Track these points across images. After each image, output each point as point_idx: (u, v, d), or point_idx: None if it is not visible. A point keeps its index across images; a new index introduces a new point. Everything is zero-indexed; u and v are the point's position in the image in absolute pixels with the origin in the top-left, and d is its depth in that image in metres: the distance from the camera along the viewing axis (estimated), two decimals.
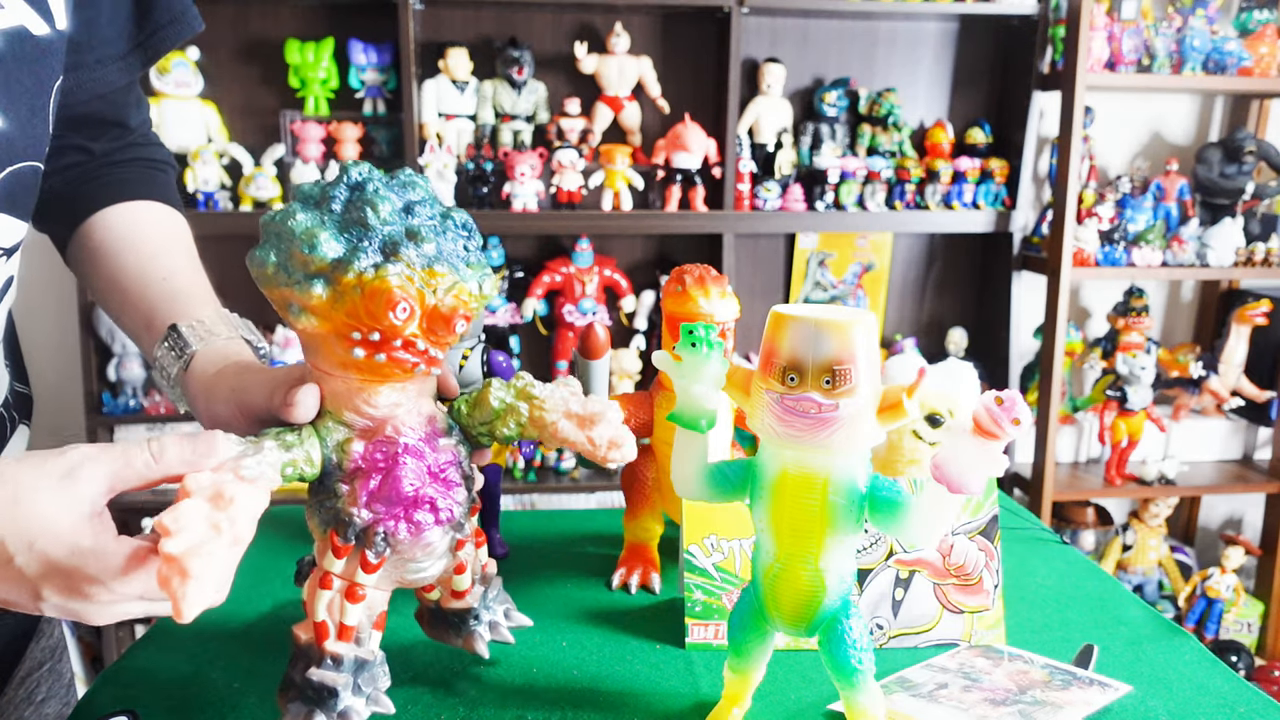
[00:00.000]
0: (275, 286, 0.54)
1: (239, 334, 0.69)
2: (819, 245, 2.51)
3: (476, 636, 0.68)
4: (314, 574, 0.60)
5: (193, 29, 0.77)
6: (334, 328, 0.54)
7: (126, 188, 0.78)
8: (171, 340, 0.67)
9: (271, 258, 0.54)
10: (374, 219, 0.53)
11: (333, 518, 0.58)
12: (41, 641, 0.78)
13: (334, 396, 0.58)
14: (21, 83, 0.59)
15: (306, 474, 0.57)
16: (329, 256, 0.52)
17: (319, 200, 0.54)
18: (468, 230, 0.57)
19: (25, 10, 0.59)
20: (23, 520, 0.48)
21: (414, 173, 0.57)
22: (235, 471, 0.52)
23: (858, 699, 0.60)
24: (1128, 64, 2.32)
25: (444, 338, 0.55)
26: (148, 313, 0.70)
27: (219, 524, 0.49)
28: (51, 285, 2.21)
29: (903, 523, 0.57)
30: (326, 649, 0.59)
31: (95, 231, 0.76)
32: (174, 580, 0.47)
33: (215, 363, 0.65)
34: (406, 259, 0.53)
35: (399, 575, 0.61)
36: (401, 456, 0.58)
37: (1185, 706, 0.69)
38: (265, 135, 2.23)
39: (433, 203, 0.56)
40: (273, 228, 0.55)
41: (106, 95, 0.74)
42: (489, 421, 0.62)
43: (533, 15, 2.28)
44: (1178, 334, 2.77)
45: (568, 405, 0.61)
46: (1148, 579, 2.59)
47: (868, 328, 0.54)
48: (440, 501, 0.59)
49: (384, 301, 0.52)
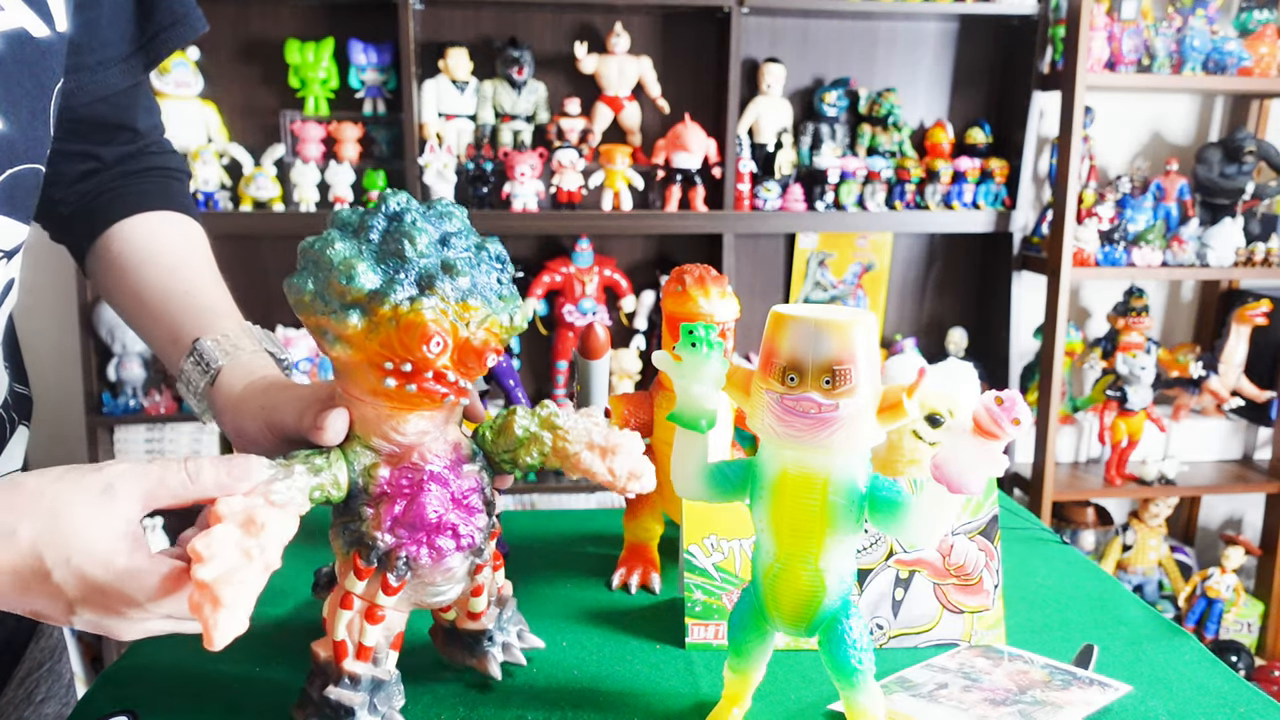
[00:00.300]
0: (312, 314, 0.55)
1: (263, 347, 0.70)
2: (819, 245, 2.51)
3: (490, 657, 0.69)
4: (334, 593, 0.61)
5: (196, 31, 0.76)
6: (367, 357, 0.55)
7: (145, 199, 0.78)
8: (197, 355, 0.67)
9: (309, 285, 0.55)
10: (411, 251, 0.54)
11: (356, 540, 0.59)
12: (41, 642, 0.78)
13: (363, 421, 0.58)
14: (22, 85, 0.59)
15: (333, 497, 0.58)
16: (366, 288, 0.53)
17: (357, 229, 0.55)
18: (501, 262, 0.58)
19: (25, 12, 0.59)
20: (61, 536, 0.49)
21: (451, 202, 0.58)
22: (266, 496, 0.53)
23: (858, 699, 0.60)
24: (1128, 64, 2.32)
25: (474, 370, 0.56)
26: (172, 327, 0.71)
27: (250, 550, 0.50)
28: (51, 285, 2.21)
29: (903, 523, 0.57)
30: (344, 668, 0.60)
31: (114, 244, 0.76)
32: (205, 607, 0.48)
33: (242, 378, 0.66)
34: (441, 292, 0.54)
35: (418, 598, 0.62)
36: (426, 483, 0.59)
37: (1185, 706, 0.69)
38: (265, 135, 2.23)
39: (468, 233, 0.57)
40: (311, 255, 0.55)
41: (109, 98, 0.74)
42: (512, 449, 0.62)
43: (533, 15, 2.28)
44: (1178, 334, 2.77)
45: (590, 436, 0.62)
46: (1148, 579, 2.59)
47: (868, 328, 0.54)
48: (462, 528, 0.60)
49: (418, 335, 0.53)
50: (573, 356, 2.39)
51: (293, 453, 0.58)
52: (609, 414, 0.85)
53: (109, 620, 0.52)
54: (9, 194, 0.60)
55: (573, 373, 2.42)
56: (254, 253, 2.31)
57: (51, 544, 0.49)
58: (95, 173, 0.78)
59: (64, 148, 0.74)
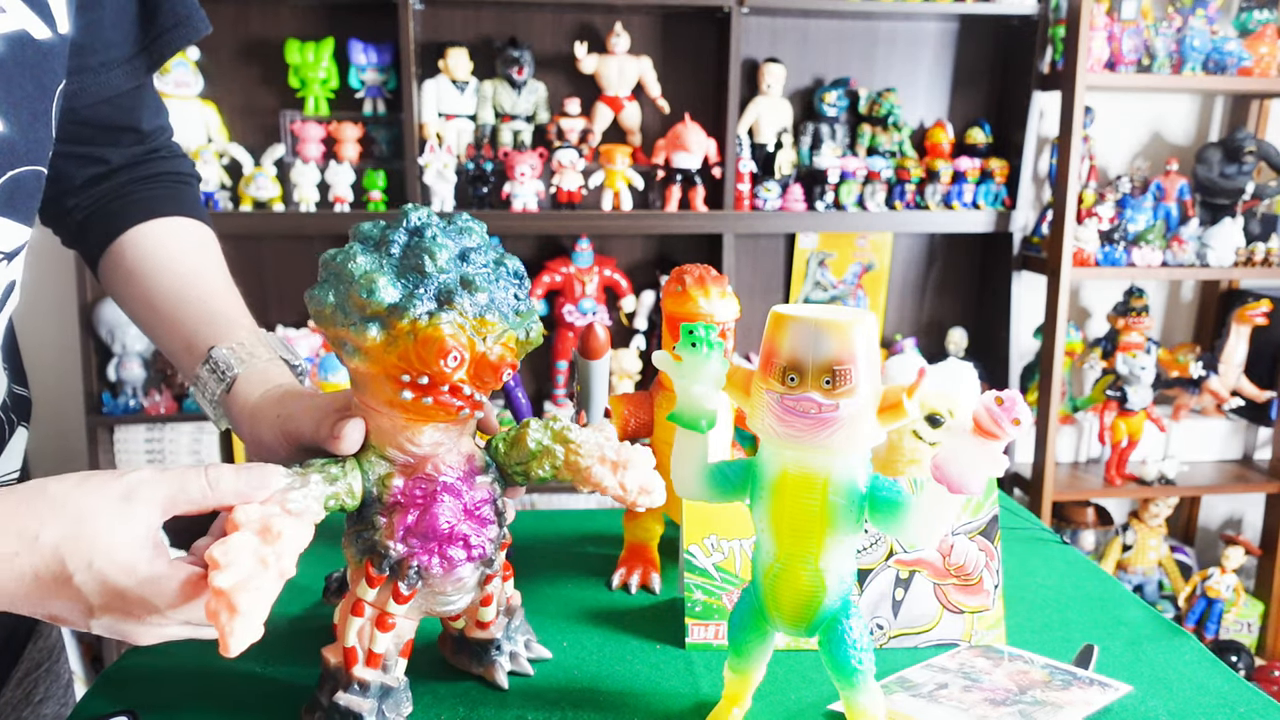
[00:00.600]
0: (332, 326, 0.56)
1: (278, 355, 0.71)
2: (819, 245, 2.51)
3: (497, 667, 0.70)
4: (346, 600, 0.62)
5: (199, 32, 0.76)
6: (385, 369, 0.56)
7: (157, 204, 0.78)
8: (213, 364, 0.68)
9: (330, 298, 0.55)
10: (431, 266, 0.55)
11: (369, 548, 0.60)
12: (39, 642, 0.78)
13: (379, 432, 0.59)
14: (23, 87, 0.59)
15: (348, 505, 0.59)
16: (386, 301, 0.54)
17: (378, 243, 0.56)
18: (519, 278, 0.59)
19: (26, 14, 0.58)
20: (84, 541, 0.49)
21: (471, 217, 0.59)
22: (282, 505, 0.54)
23: (858, 699, 0.60)
24: (1128, 64, 2.32)
25: (489, 384, 0.57)
26: (187, 335, 0.71)
27: (266, 559, 0.51)
28: (52, 285, 2.21)
29: (903, 523, 0.57)
30: (354, 674, 0.61)
31: (128, 251, 0.76)
32: (222, 615, 0.49)
33: (258, 386, 0.66)
34: (460, 308, 0.54)
35: (428, 606, 0.63)
36: (440, 494, 0.60)
37: (1185, 706, 0.69)
38: (265, 135, 2.23)
39: (487, 249, 0.58)
40: (332, 267, 0.56)
41: (113, 99, 0.74)
42: (525, 462, 0.63)
43: (533, 15, 2.28)
44: (1178, 334, 2.77)
45: (602, 451, 0.63)
46: (1148, 579, 2.59)
47: (868, 328, 0.54)
48: (473, 538, 0.61)
49: (436, 349, 0.53)
50: (573, 356, 2.39)
51: (309, 461, 0.59)
52: (609, 414, 0.85)
53: (127, 625, 0.52)
54: (9, 196, 0.60)
55: (573, 373, 2.42)
56: (254, 253, 2.31)
57: (74, 549, 0.49)
58: (104, 177, 0.78)
59: (70, 151, 0.74)
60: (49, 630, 0.80)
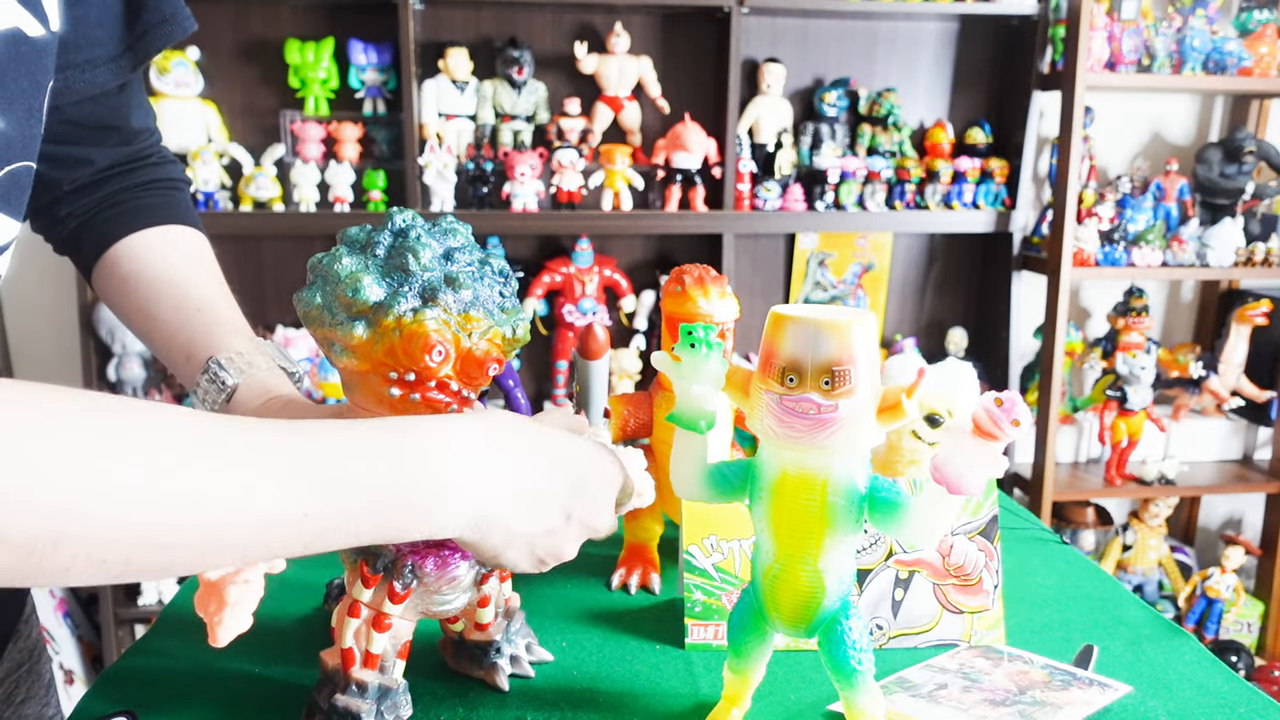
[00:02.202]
0: (320, 326, 0.57)
1: (276, 363, 0.72)
2: (819, 245, 2.51)
3: (498, 669, 0.70)
4: (343, 601, 0.62)
5: (184, 30, 0.76)
6: (372, 367, 0.56)
7: (150, 213, 0.79)
8: (212, 374, 0.69)
9: (317, 299, 0.56)
10: (415, 265, 0.56)
11: (364, 548, 0.60)
12: (19, 643, 0.77)
13: None
14: (19, 84, 0.59)
15: None
16: (371, 299, 0.55)
17: (364, 245, 0.57)
18: (504, 276, 0.60)
19: (19, 12, 0.58)
20: None
21: (455, 219, 0.60)
22: None
23: (857, 699, 0.60)
24: (1128, 64, 2.32)
25: (477, 380, 0.58)
26: (185, 345, 0.72)
27: None
28: (52, 285, 2.21)
29: (902, 523, 0.57)
30: (352, 675, 0.61)
31: (123, 260, 0.76)
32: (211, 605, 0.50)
33: (258, 395, 0.67)
34: (444, 304, 0.55)
35: (425, 606, 0.63)
36: None
37: (1185, 706, 0.69)
38: (265, 135, 2.23)
39: (472, 249, 0.59)
40: (320, 270, 0.57)
41: (97, 98, 0.74)
42: None
43: (533, 15, 2.28)
44: (1178, 334, 2.76)
45: None
46: (1148, 579, 2.59)
47: (867, 328, 0.54)
48: None
49: (420, 345, 0.54)
50: (572, 357, 2.39)
51: None
52: (609, 414, 0.85)
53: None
54: (5, 191, 0.60)
55: (572, 373, 2.42)
56: (254, 253, 2.31)
57: None
58: (93, 182, 0.78)
59: (55, 152, 0.73)
60: (29, 630, 0.79)
